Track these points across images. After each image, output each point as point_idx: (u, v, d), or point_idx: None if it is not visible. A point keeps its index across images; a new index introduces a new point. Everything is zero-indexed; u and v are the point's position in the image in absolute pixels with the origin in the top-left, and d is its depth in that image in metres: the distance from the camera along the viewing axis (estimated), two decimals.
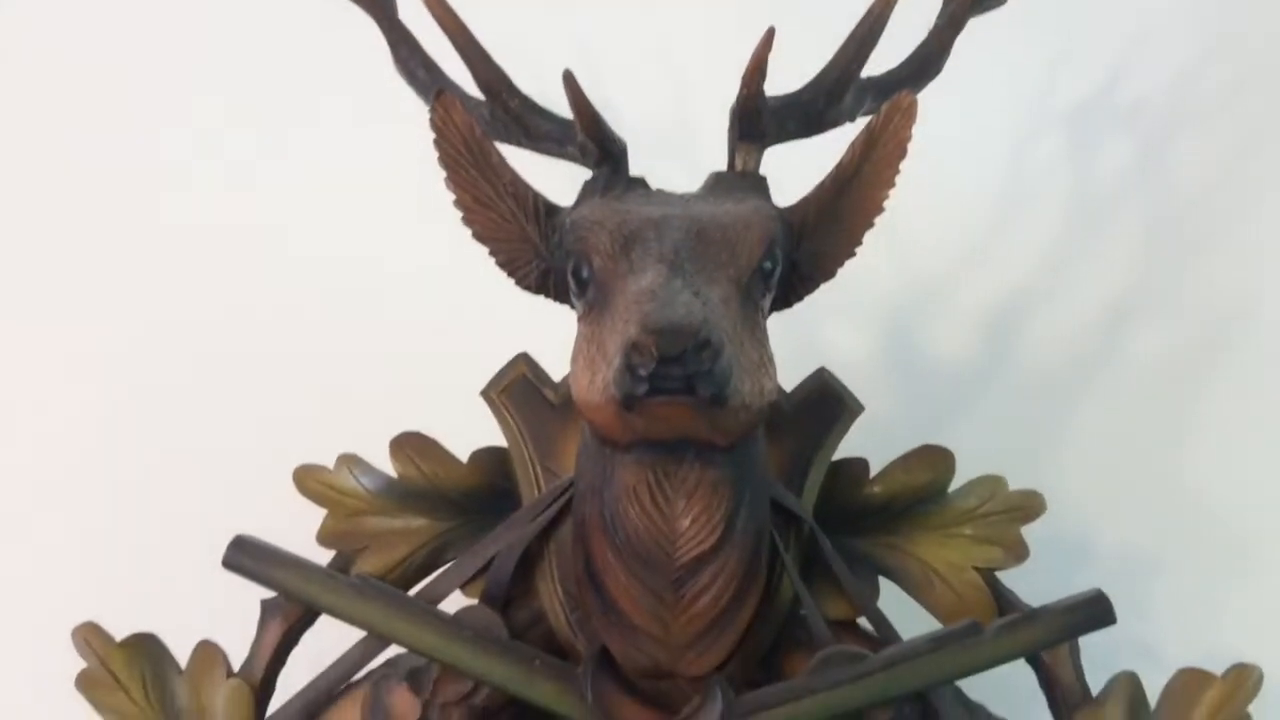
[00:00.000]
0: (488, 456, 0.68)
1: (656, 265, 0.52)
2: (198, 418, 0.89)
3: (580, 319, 0.56)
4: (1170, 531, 0.97)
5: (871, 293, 0.98)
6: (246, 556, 0.64)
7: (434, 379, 0.78)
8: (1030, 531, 0.71)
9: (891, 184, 0.59)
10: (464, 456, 0.68)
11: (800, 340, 0.80)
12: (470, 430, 0.68)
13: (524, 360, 0.69)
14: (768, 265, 0.55)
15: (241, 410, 0.88)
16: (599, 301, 0.54)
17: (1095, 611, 0.61)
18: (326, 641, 0.67)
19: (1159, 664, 0.70)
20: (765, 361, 0.54)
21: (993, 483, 0.68)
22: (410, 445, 0.68)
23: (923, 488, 0.67)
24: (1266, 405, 0.98)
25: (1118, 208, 0.99)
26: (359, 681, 0.66)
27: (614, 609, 0.58)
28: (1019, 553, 0.67)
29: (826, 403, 0.68)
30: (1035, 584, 0.71)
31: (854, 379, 0.72)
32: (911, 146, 0.64)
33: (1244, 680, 0.65)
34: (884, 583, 0.69)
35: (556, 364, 0.68)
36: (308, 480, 0.68)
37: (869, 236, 0.97)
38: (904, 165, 0.66)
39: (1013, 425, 1.01)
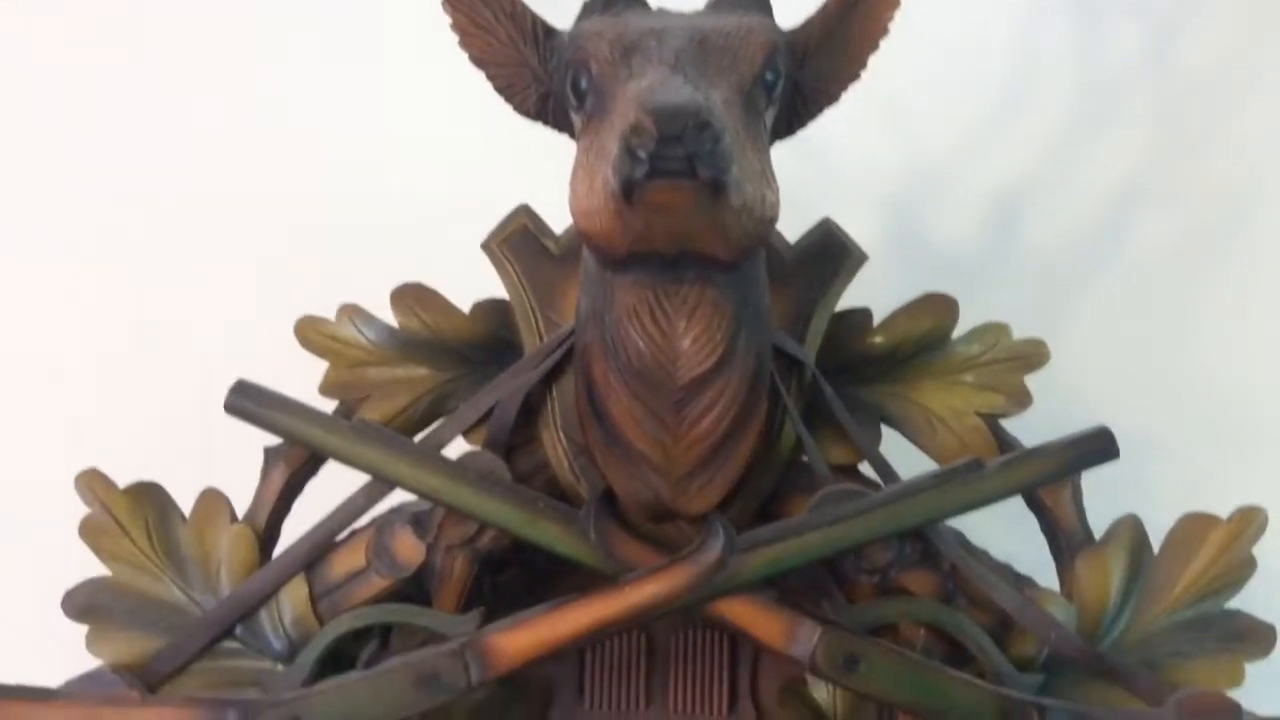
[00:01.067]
0: (489, 307, 0.68)
1: (657, 68, 0.52)
2: (197, 271, 0.88)
3: (579, 135, 0.56)
4: (1174, 416, 0.97)
5: (875, 179, 0.97)
6: (248, 400, 0.64)
7: (435, 231, 0.78)
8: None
9: (896, 4, 0.58)
10: (466, 309, 0.69)
11: (802, 228, 0.80)
12: (471, 283, 0.68)
13: (525, 212, 0.69)
14: (770, 76, 0.55)
15: (242, 264, 0.88)
16: (597, 110, 0.54)
17: (1098, 445, 0.61)
18: (330, 493, 0.68)
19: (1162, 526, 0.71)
20: (767, 174, 0.53)
21: (996, 330, 0.68)
22: (411, 296, 0.68)
23: (926, 335, 0.67)
24: (1270, 291, 0.99)
25: (1124, 95, 0.99)
26: (363, 528, 0.66)
27: (617, 438, 0.58)
28: (1022, 400, 0.67)
29: (830, 252, 0.68)
30: None
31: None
32: (916, 30, 0.65)
33: (1249, 522, 0.64)
34: (886, 432, 0.69)
35: (557, 217, 0.68)
36: (309, 332, 0.68)
37: (874, 123, 0.98)
38: (909, 51, 0.67)
39: (1015, 313, 1.01)
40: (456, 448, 0.66)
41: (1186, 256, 0.98)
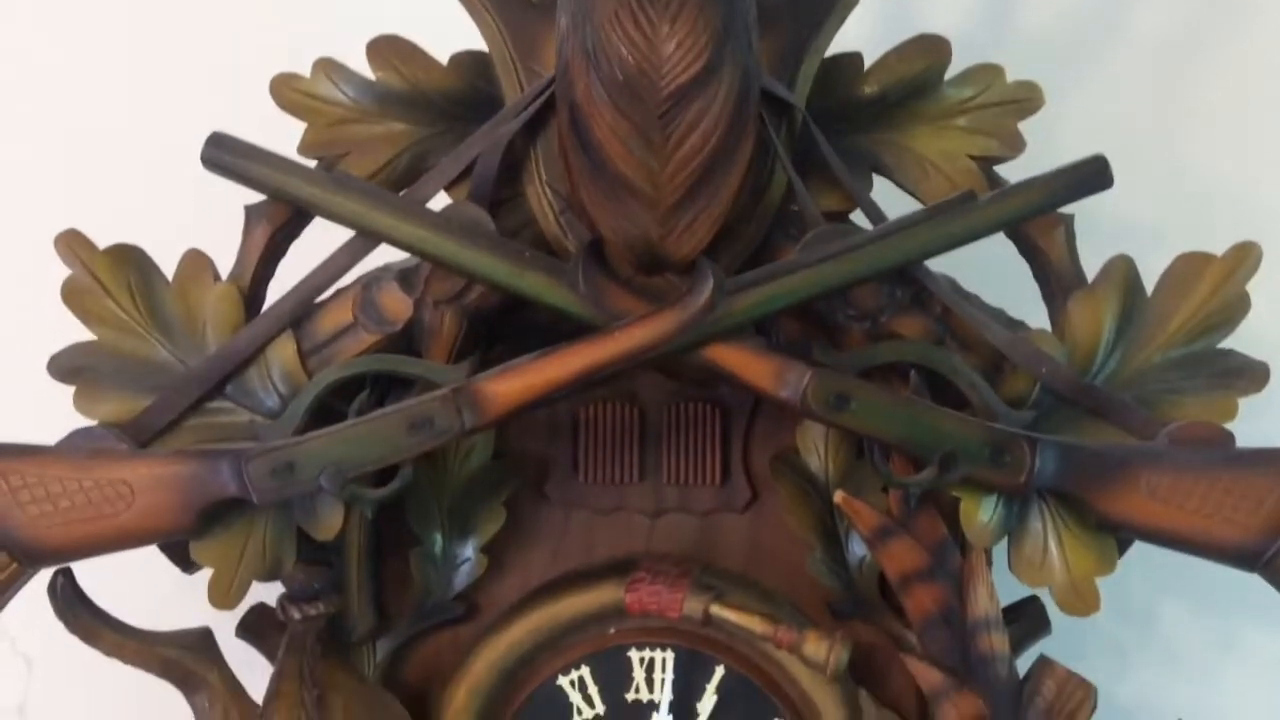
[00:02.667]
0: (468, 59, 0.66)
1: None
2: (170, 31, 0.86)
3: None
4: (1173, 209, 0.96)
5: None
6: (225, 153, 0.62)
7: None
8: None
9: None
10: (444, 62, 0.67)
11: None
12: (449, 35, 0.66)
13: None
14: None
15: (213, 22, 0.86)
16: None
17: (1093, 172, 0.60)
18: (312, 259, 0.67)
19: None
20: None
21: (990, 72, 0.66)
22: (388, 49, 0.66)
23: (917, 77, 0.65)
24: (1273, 86, 0.96)
25: None
26: (349, 286, 0.66)
27: (602, 165, 0.57)
28: (1015, 144, 0.66)
29: None
30: None
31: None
32: None
33: (1244, 257, 0.64)
34: (879, 184, 0.68)
35: None
36: (285, 90, 0.66)
37: None
38: None
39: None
40: (439, 204, 0.65)
41: (1188, 50, 0.96)
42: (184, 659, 0.67)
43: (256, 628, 0.74)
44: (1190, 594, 0.92)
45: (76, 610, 0.65)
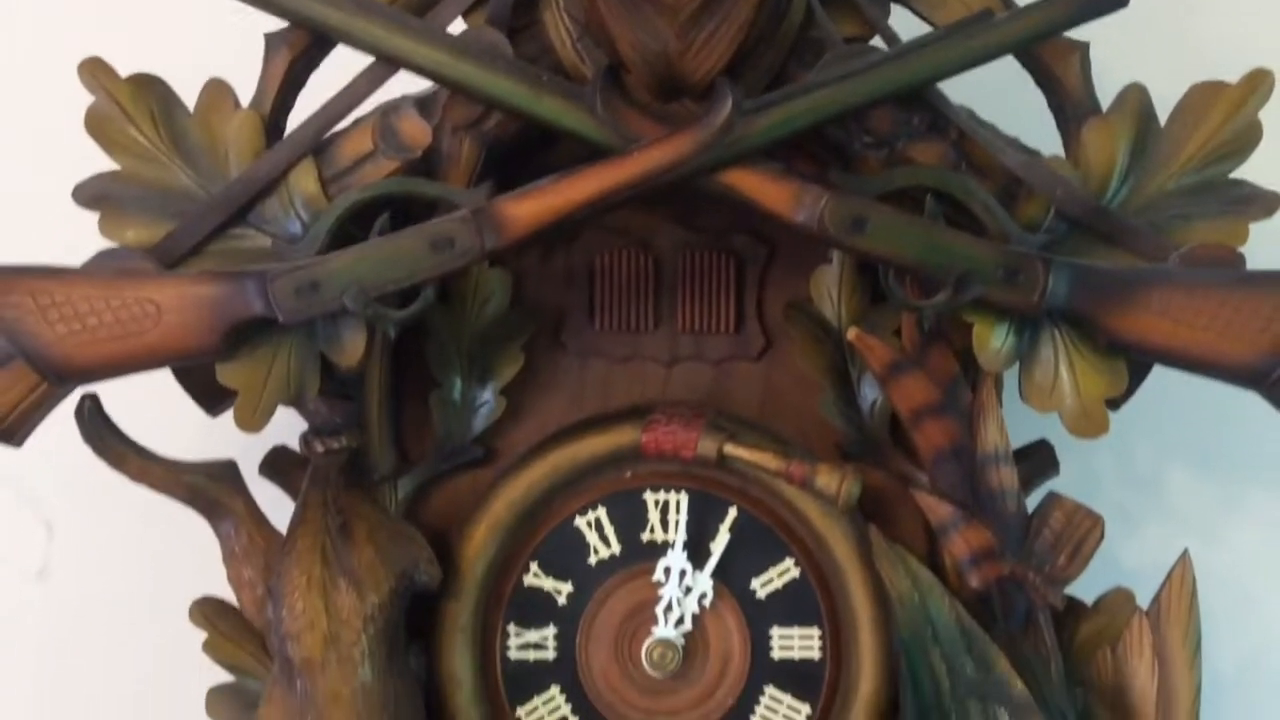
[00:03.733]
0: None
1: None
2: None
3: None
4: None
5: None
6: None
7: None
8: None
9: None
10: None
11: None
12: None
13: None
14: None
15: None
16: None
17: None
18: (332, 90, 0.68)
19: None
20: None
21: None
22: None
23: None
24: None
25: None
26: (368, 115, 0.66)
27: None
28: None
29: None
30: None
31: None
32: None
33: (1257, 85, 0.64)
34: (895, 12, 0.68)
35: None
36: None
37: None
38: None
39: None
40: (457, 30, 0.65)
41: None
42: (209, 487, 0.69)
43: (279, 466, 0.75)
44: (1195, 458, 0.94)
45: (103, 434, 0.66)
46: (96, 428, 0.66)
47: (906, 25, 0.68)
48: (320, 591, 0.66)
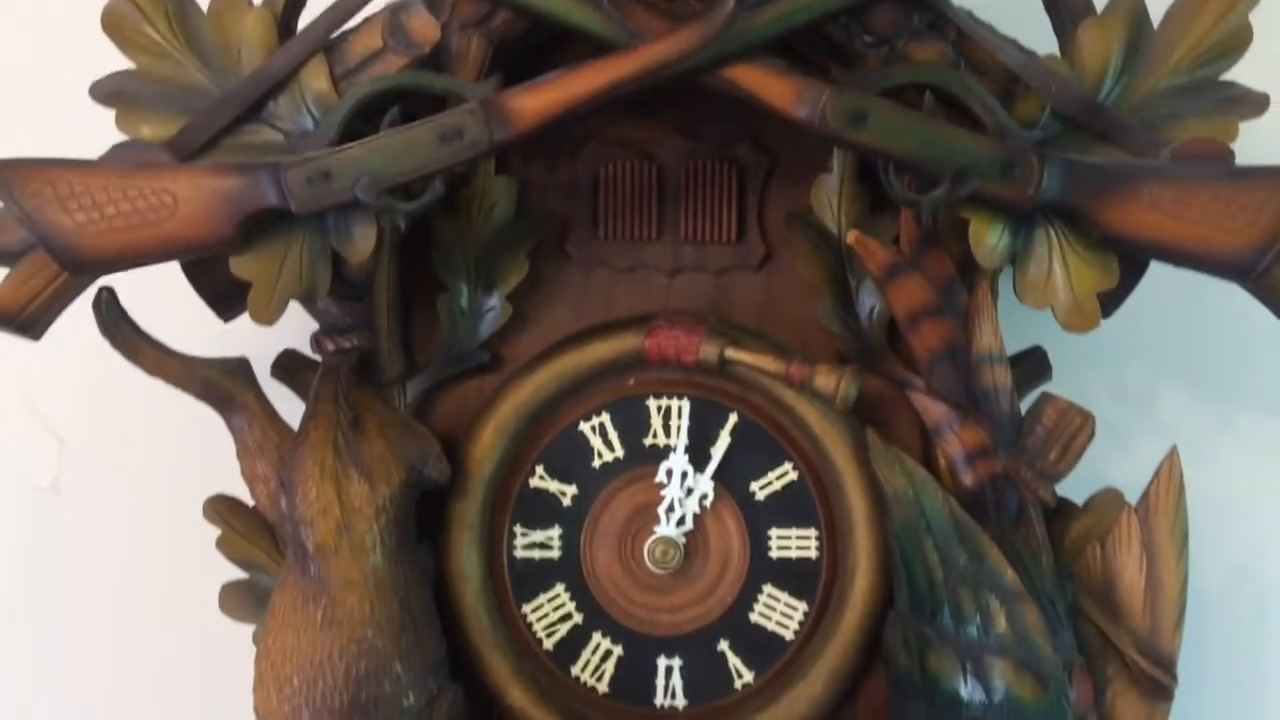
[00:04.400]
0: None
1: None
2: None
3: None
4: None
5: None
6: None
7: None
8: None
9: None
10: None
11: None
12: None
13: None
14: None
15: None
16: None
17: None
18: None
19: None
20: None
21: None
22: None
23: None
24: None
25: None
26: (378, 12, 0.67)
27: None
28: None
29: None
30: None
31: None
32: None
33: None
34: None
35: None
36: None
37: None
38: None
39: None
40: None
41: None
42: (223, 380, 0.71)
43: (290, 368, 0.77)
44: (1188, 377, 0.96)
45: (120, 325, 0.68)
46: (113, 319, 0.68)
47: None
48: (333, 480, 0.68)
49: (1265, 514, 0.96)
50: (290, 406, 0.76)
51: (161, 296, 0.73)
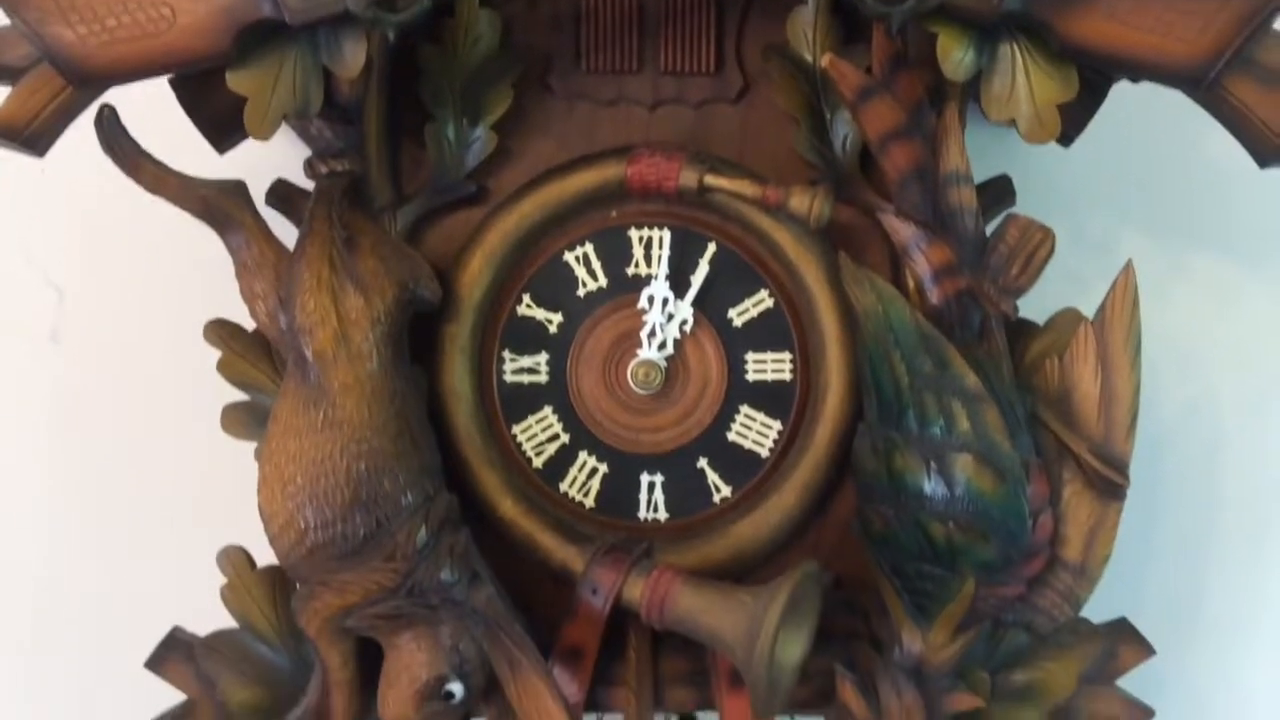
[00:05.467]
0: None
1: None
2: None
3: None
4: None
5: None
6: None
7: None
8: None
9: None
10: None
11: None
12: None
13: None
14: None
15: None
16: None
17: None
18: None
19: None
20: None
21: None
22: None
23: None
24: None
25: None
26: None
27: None
28: None
29: None
30: None
31: None
32: None
33: None
34: None
35: None
36: None
37: None
38: None
39: None
40: None
41: None
42: (220, 199, 0.73)
43: (284, 195, 0.80)
44: (1146, 224, 0.99)
45: (121, 141, 0.70)
46: (115, 135, 0.70)
47: None
48: (329, 292, 0.71)
49: (1218, 354, 1.01)
50: (285, 232, 0.80)
51: (156, 131, 0.75)
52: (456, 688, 0.72)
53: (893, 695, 0.76)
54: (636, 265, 0.82)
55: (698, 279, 0.81)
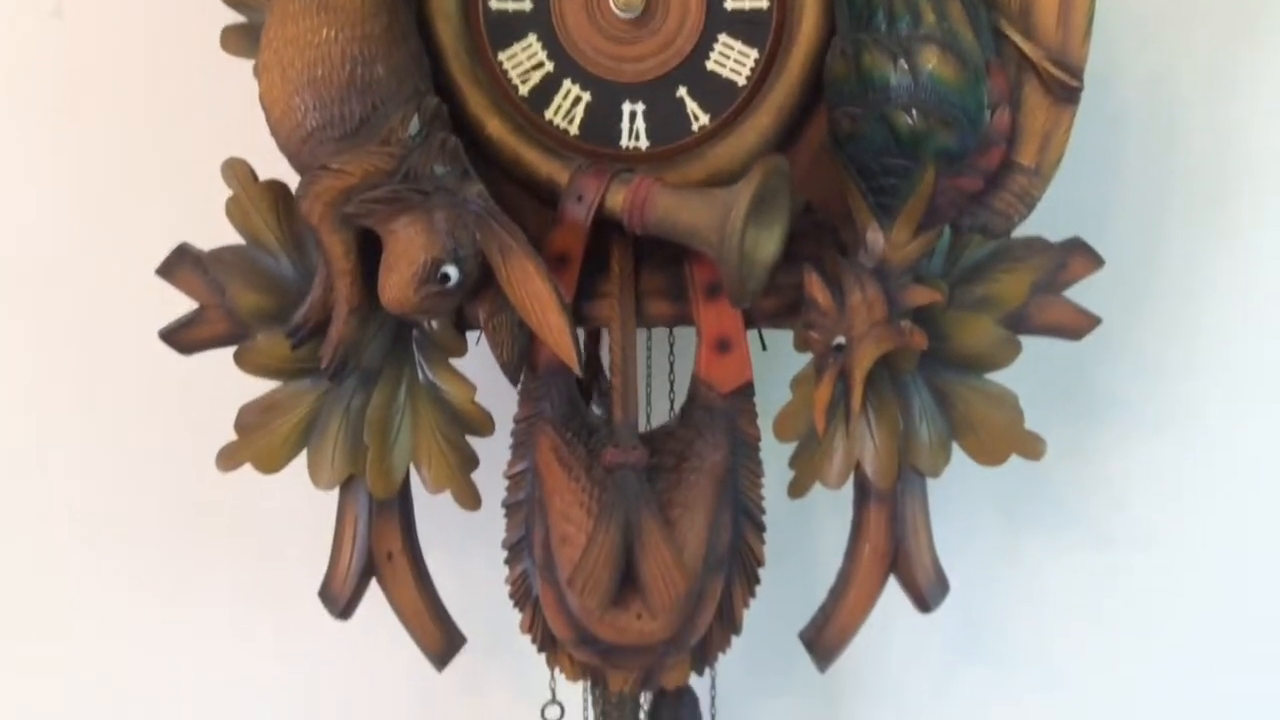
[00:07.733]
0: None
1: None
2: None
3: None
4: None
5: None
6: None
7: None
8: None
9: None
10: None
11: None
12: None
13: None
14: None
15: None
16: None
17: None
18: None
19: None
20: None
21: None
22: None
23: None
24: None
25: None
26: None
27: None
28: None
29: None
30: None
31: None
32: None
33: None
34: None
35: None
36: None
37: None
38: None
39: None
40: None
41: None
42: None
43: None
44: None
45: None
46: None
47: None
48: None
49: (1182, 30, 1.05)
50: None
51: None
52: (452, 270, 0.77)
53: (856, 289, 0.81)
54: None
55: None
